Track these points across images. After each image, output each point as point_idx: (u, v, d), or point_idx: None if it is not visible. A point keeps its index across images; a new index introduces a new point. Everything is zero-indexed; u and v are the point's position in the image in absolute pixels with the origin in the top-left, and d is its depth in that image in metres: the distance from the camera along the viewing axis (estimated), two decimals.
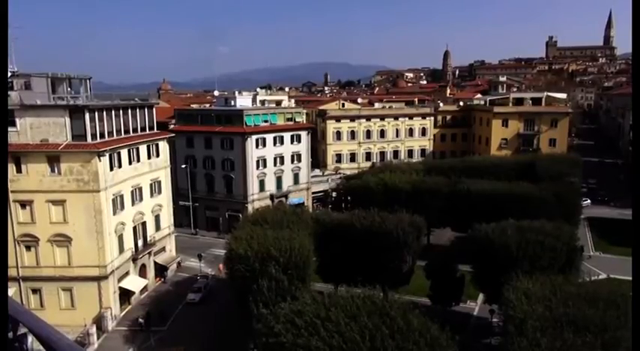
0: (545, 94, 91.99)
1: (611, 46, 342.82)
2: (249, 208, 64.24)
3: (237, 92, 79.24)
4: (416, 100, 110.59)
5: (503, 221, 37.19)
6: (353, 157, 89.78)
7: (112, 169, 42.28)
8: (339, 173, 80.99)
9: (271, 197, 68.82)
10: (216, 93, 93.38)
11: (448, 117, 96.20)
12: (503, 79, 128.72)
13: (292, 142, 71.80)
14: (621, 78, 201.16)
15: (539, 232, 34.26)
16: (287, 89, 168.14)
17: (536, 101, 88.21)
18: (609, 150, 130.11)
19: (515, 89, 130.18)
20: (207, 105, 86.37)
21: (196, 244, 62.98)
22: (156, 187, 50.45)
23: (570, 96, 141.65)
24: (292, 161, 72.06)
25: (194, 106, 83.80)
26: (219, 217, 68.89)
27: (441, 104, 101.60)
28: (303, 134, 73.42)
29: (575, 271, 33.27)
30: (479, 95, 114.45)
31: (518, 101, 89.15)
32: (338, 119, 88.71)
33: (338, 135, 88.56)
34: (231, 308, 37.06)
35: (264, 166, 68.31)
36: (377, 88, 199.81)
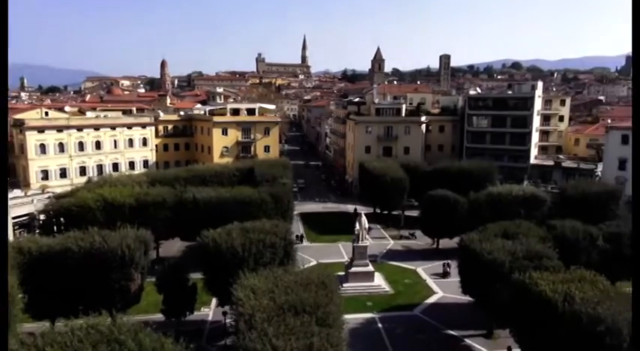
0: (258, 105, 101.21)
1: (307, 64, 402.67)
2: None
3: None
4: (134, 109, 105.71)
5: (229, 224, 39.24)
6: (64, 173, 79.43)
7: None
8: (47, 192, 70.57)
9: None
10: None
11: (170, 126, 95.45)
12: (220, 90, 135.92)
13: None
14: (316, 92, 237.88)
15: (260, 231, 37.42)
16: None
17: (251, 111, 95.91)
18: (312, 154, 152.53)
19: (231, 100, 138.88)
20: None
21: None
22: None
23: (278, 107, 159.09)
24: None
25: None
26: None
27: (162, 114, 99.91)
28: None
29: (292, 262, 37.55)
30: (199, 105, 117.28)
31: (235, 111, 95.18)
32: (41, 130, 77.10)
33: (42, 148, 76.92)
34: None
35: None
36: (88, 96, 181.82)
